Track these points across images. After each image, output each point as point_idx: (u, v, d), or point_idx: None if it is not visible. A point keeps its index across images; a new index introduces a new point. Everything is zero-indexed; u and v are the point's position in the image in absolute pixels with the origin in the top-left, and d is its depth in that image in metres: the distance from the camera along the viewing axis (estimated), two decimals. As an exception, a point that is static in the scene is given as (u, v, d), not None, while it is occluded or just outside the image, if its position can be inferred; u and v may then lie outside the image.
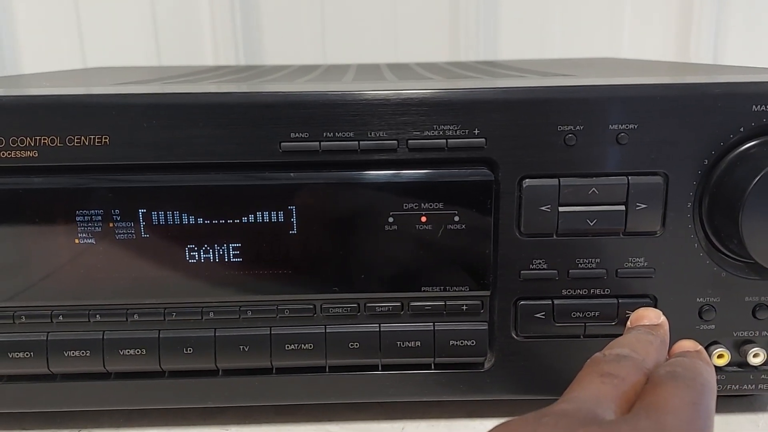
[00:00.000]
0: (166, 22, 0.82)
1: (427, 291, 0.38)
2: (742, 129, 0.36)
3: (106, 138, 0.36)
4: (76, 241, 0.37)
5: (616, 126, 0.36)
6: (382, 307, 0.39)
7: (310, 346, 0.39)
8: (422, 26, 0.84)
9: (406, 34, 0.84)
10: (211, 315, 0.38)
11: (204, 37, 0.83)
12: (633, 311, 0.37)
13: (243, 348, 0.38)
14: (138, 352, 0.38)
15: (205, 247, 0.37)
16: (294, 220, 0.37)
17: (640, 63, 0.64)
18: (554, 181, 0.36)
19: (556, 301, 0.38)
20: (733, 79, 0.37)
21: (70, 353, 0.38)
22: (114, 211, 0.37)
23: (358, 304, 0.39)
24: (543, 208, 0.37)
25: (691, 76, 0.43)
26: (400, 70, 0.59)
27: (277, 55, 0.84)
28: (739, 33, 0.84)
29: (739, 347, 0.39)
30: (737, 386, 0.40)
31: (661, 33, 0.85)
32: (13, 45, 0.82)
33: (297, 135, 0.36)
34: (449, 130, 0.36)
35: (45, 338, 0.38)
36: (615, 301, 0.38)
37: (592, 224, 0.37)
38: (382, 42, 0.84)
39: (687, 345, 0.35)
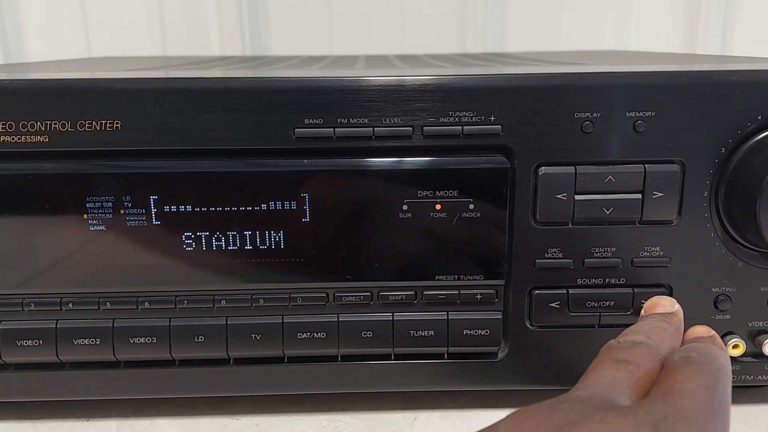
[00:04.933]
0: (173, 12, 0.82)
1: (441, 280, 0.38)
2: (759, 117, 0.36)
3: (117, 123, 0.35)
4: (87, 227, 0.37)
5: (633, 113, 0.36)
6: (395, 295, 0.38)
7: (323, 335, 0.38)
8: (429, 19, 0.83)
9: (413, 26, 0.84)
10: (223, 303, 0.38)
11: (210, 28, 0.83)
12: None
13: (255, 336, 0.38)
14: (148, 340, 0.38)
15: (217, 235, 0.37)
16: (307, 207, 0.37)
17: (649, 55, 0.64)
18: (570, 169, 0.36)
19: (570, 291, 0.38)
20: (751, 66, 0.37)
21: (80, 341, 0.38)
22: (125, 198, 0.36)
23: (372, 293, 0.38)
24: (559, 196, 0.36)
25: (707, 64, 0.43)
26: (409, 60, 0.59)
27: (283, 47, 0.83)
28: (747, 27, 0.84)
29: (754, 338, 0.39)
30: (752, 377, 0.40)
31: (669, 27, 0.85)
32: (18, 35, 0.82)
33: (311, 121, 0.36)
34: (465, 116, 0.36)
35: (54, 326, 0.38)
36: (630, 290, 0.38)
37: (608, 213, 0.37)
38: (389, 35, 0.84)
39: (700, 331, 0.35)
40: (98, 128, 0.35)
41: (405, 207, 0.37)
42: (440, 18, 0.83)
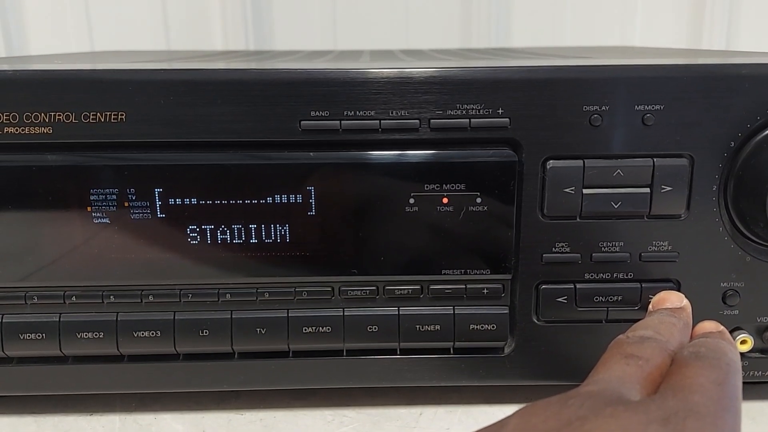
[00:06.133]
0: (176, 7, 0.82)
1: (447, 274, 0.38)
2: (769, 111, 0.36)
3: (122, 115, 0.35)
4: (90, 219, 0.36)
5: (642, 107, 0.35)
6: (401, 290, 0.38)
7: (328, 329, 0.38)
8: (434, 15, 0.83)
9: (417, 22, 0.83)
10: (228, 297, 0.38)
11: (214, 22, 0.82)
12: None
13: (260, 330, 0.38)
14: (152, 334, 0.38)
15: (222, 228, 0.37)
16: (312, 200, 0.36)
17: (656, 50, 0.64)
18: (579, 163, 0.36)
19: (578, 285, 0.38)
20: (761, 60, 0.36)
21: (83, 335, 0.38)
22: (129, 190, 0.36)
23: (377, 287, 0.38)
24: (567, 190, 0.36)
25: (715, 58, 0.42)
26: (414, 54, 0.59)
27: (287, 42, 0.83)
28: (752, 23, 0.84)
29: (762, 333, 0.39)
30: (760, 373, 0.39)
31: (673, 22, 0.84)
32: (21, 29, 0.81)
33: (317, 113, 0.35)
34: (472, 109, 0.35)
35: (57, 319, 0.38)
36: (638, 285, 0.38)
37: (616, 207, 0.36)
38: (393, 30, 0.83)
39: (709, 326, 0.35)
40: (102, 120, 0.35)
41: (411, 200, 0.36)
42: (444, 14, 0.83)
